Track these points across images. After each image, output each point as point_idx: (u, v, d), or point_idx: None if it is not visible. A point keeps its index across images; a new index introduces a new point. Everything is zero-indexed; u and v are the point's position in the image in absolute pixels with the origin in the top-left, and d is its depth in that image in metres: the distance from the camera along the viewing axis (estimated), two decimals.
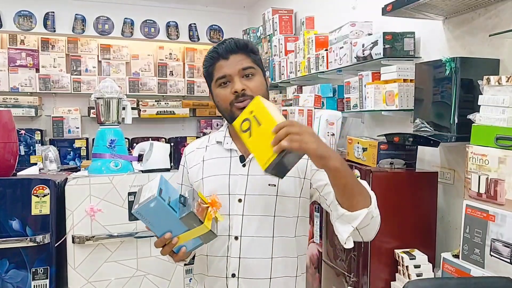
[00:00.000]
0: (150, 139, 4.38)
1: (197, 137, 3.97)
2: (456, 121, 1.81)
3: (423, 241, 1.97)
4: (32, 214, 2.01)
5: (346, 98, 2.68)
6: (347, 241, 1.10)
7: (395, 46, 2.27)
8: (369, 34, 2.58)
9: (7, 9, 4.45)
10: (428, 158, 2.24)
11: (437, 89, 1.94)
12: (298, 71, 3.31)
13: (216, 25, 5.20)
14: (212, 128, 5.18)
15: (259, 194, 1.21)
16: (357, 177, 1.54)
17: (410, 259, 1.84)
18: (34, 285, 2.01)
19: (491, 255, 1.46)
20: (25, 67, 4.56)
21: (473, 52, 1.97)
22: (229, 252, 1.21)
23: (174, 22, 5.02)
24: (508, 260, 1.40)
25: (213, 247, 1.22)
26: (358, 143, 2.18)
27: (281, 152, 0.96)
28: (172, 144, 3.72)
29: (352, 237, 1.10)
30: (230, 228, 1.21)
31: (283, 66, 3.62)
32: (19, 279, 2.00)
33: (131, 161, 2.36)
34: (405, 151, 2.10)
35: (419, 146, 2.11)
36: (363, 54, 2.42)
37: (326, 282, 2.31)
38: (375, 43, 2.32)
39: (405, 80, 2.21)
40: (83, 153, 4.58)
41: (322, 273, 2.36)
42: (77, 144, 4.57)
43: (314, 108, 2.88)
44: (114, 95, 2.32)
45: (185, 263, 1.95)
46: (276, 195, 1.21)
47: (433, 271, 1.86)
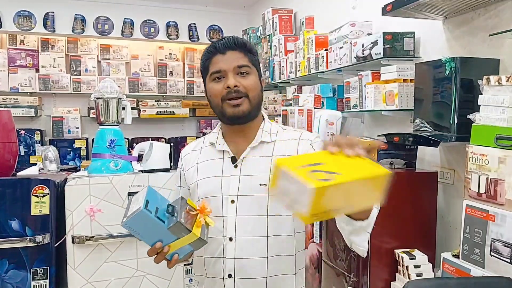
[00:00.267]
0: (150, 139, 4.38)
1: (197, 137, 3.97)
2: (456, 121, 1.81)
3: (423, 241, 1.97)
4: (32, 214, 2.01)
5: (346, 98, 2.68)
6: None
7: (395, 46, 2.27)
8: (369, 34, 2.58)
9: (7, 9, 4.45)
10: (428, 158, 2.24)
11: (437, 89, 1.94)
12: (298, 71, 3.31)
13: (216, 25, 5.20)
14: (212, 128, 5.18)
15: (251, 194, 1.21)
16: None
17: (410, 259, 1.84)
18: (33, 285, 2.01)
19: (491, 255, 1.46)
20: (25, 67, 4.55)
21: (473, 52, 1.97)
22: (225, 253, 1.21)
23: (174, 22, 5.02)
24: (508, 260, 1.40)
25: (210, 248, 1.22)
26: None
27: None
28: (172, 144, 3.71)
29: None
30: (224, 229, 1.21)
31: (283, 66, 3.62)
32: (19, 279, 2.00)
33: (131, 161, 2.36)
34: (405, 151, 2.10)
35: (419, 146, 2.11)
36: (363, 54, 2.42)
37: (326, 282, 2.31)
38: (375, 43, 2.32)
39: (405, 80, 2.21)
40: (83, 153, 4.58)
41: (322, 273, 2.36)
42: (77, 144, 4.57)
43: (314, 108, 2.88)
44: (113, 95, 2.32)
45: (185, 264, 1.95)
46: (268, 195, 1.20)
47: (433, 271, 1.86)
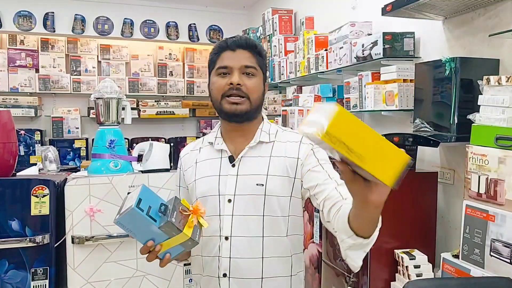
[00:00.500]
0: (150, 139, 4.38)
1: (197, 137, 3.97)
2: (456, 121, 1.81)
3: (423, 241, 1.97)
4: (32, 214, 2.01)
5: (346, 98, 2.68)
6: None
7: (395, 46, 2.27)
8: (369, 34, 2.58)
9: (7, 9, 4.45)
10: (428, 158, 2.24)
11: (437, 89, 1.94)
12: (298, 71, 3.31)
13: (215, 25, 5.20)
14: (211, 128, 5.17)
15: (248, 194, 1.21)
16: None
17: (410, 259, 1.84)
18: (33, 286, 2.01)
19: (491, 255, 1.46)
20: (24, 67, 4.56)
21: (473, 52, 1.97)
22: (220, 252, 1.21)
23: (174, 22, 5.02)
24: (508, 260, 1.40)
25: (206, 247, 1.23)
26: None
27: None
28: (171, 144, 3.72)
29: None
30: (220, 228, 1.21)
31: (282, 66, 3.62)
32: (19, 279, 2.00)
33: (131, 161, 2.36)
34: (405, 151, 2.10)
35: (419, 146, 2.11)
36: (363, 54, 2.42)
37: (326, 282, 2.31)
38: (375, 43, 2.32)
39: (405, 80, 2.21)
40: (83, 153, 4.58)
41: (322, 273, 2.36)
42: (76, 144, 4.58)
43: None
44: (113, 95, 2.32)
45: (185, 263, 1.95)
46: (265, 195, 1.21)
47: (433, 271, 1.86)
